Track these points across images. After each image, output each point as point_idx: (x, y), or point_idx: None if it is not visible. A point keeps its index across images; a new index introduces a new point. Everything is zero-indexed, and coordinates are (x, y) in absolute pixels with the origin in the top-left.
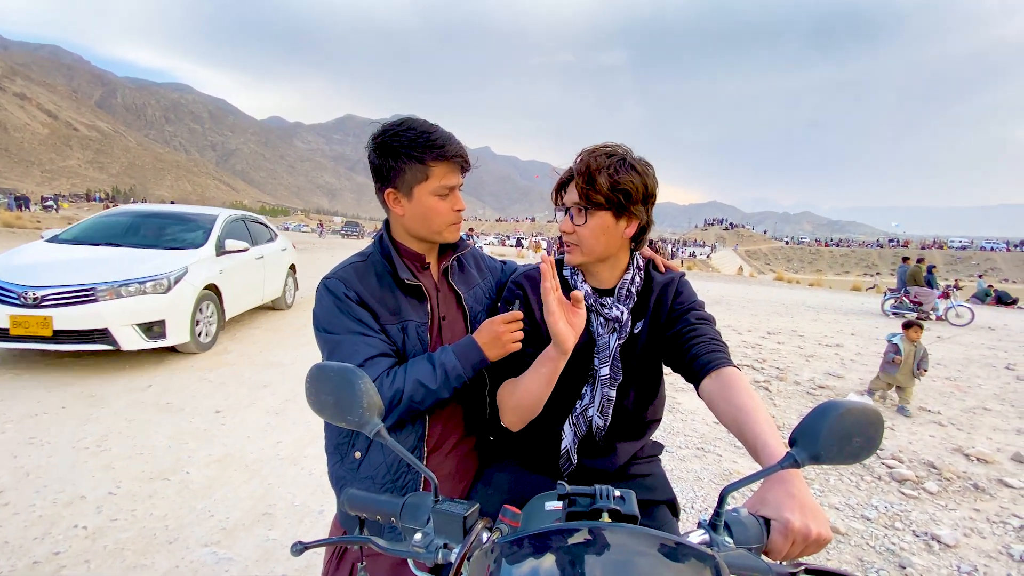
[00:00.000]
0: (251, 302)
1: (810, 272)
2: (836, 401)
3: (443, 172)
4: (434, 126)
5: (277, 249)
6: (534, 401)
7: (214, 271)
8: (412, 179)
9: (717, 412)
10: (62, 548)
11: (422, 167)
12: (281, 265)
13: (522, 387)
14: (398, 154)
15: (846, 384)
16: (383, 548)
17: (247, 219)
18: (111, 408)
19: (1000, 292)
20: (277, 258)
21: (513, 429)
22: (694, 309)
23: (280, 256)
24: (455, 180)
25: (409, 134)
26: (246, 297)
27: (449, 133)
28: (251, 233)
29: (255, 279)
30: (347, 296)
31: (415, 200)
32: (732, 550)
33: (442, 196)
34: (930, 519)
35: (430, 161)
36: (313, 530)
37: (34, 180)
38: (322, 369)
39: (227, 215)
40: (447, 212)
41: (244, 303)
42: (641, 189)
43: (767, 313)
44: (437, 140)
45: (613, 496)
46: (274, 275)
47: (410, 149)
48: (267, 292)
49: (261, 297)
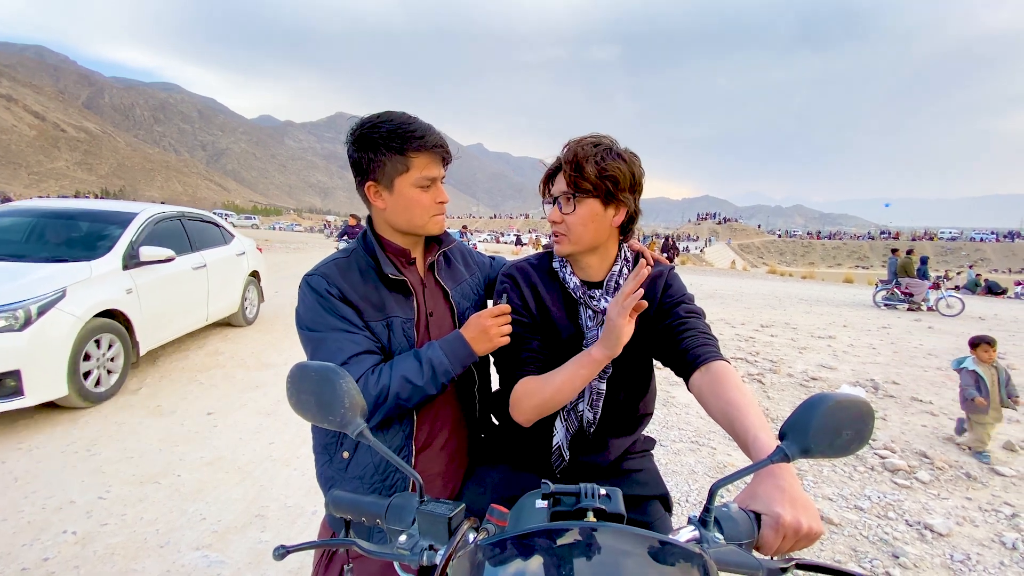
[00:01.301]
0: (186, 325)
1: (802, 265)
2: (826, 394)
3: (423, 163)
4: (413, 118)
5: (230, 254)
6: (561, 402)
7: (117, 291)
8: (392, 171)
9: (707, 406)
10: (51, 554)
11: (402, 158)
12: (236, 273)
13: (554, 386)
14: (377, 146)
15: (839, 375)
16: (367, 551)
17: (186, 218)
18: (101, 412)
19: (990, 282)
20: (229, 265)
21: (524, 425)
22: (684, 302)
23: (234, 263)
24: (436, 171)
25: (388, 126)
26: (178, 320)
27: (429, 124)
28: (190, 236)
29: (193, 295)
30: (329, 293)
31: (396, 192)
32: (722, 546)
33: (423, 188)
34: (923, 508)
35: (410, 152)
36: (306, 531)
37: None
38: (303, 369)
39: (152, 213)
40: (429, 204)
41: (173, 328)
42: (628, 176)
43: (760, 306)
44: (416, 131)
45: (598, 495)
46: (225, 286)
47: (389, 140)
48: (214, 309)
49: (205, 316)
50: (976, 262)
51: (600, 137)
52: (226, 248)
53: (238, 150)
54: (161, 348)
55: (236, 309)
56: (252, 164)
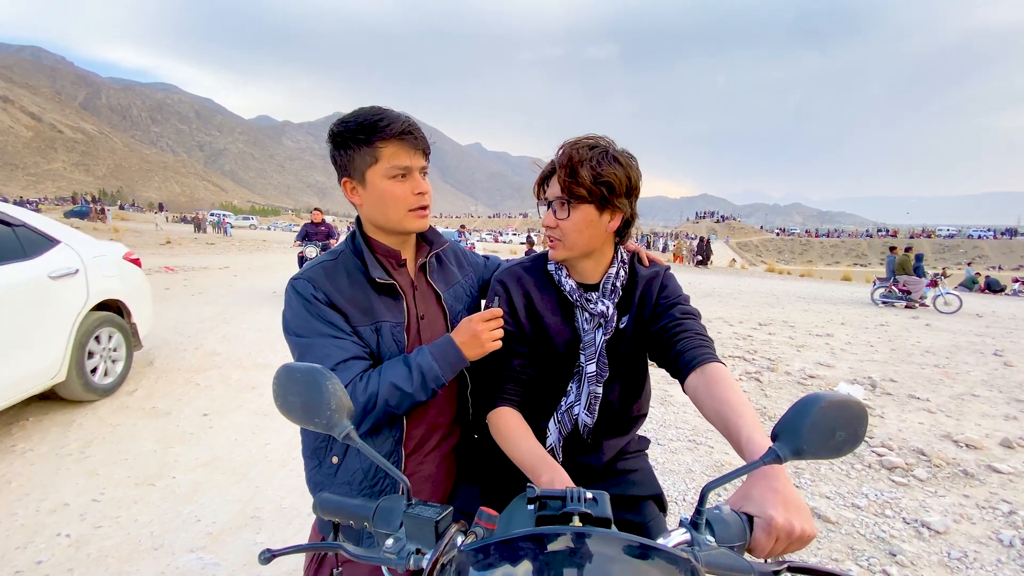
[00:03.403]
0: None
1: (801, 263)
2: (819, 394)
3: (392, 152)
4: (384, 110)
5: (33, 278)
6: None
7: None
8: (362, 163)
9: (702, 408)
10: (45, 557)
11: (370, 149)
12: (50, 310)
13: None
14: (347, 142)
15: (836, 373)
16: (353, 555)
17: None
18: (95, 414)
19: (990, 279)
20: (37, 297)
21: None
22: (679, 303)
23: (44, 293)
24: (408, 160)
25: (356, 119)
26: None
27: (400, 113)
28: None
29: None
30: (316, 298)
31: (369, 186)
32: (713, 549)
33: (396, 178)
34: (920, 506)
35: (377, 142)
36: (301, 533)
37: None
38: (289, 370)
39: None
40: (405, 195)
41: None
42: (624, 182)
43: (758, 304)
44: (382, 120)
45: (584, 498)
46: (26, 334)
47: (356, 133)
48: None
49: None
50: (974, 259)
51: (597, 139)
52: (24, 267)
53: (236, 150)
54: (156, 349)
55: (59, 372)
56: (250, 164)
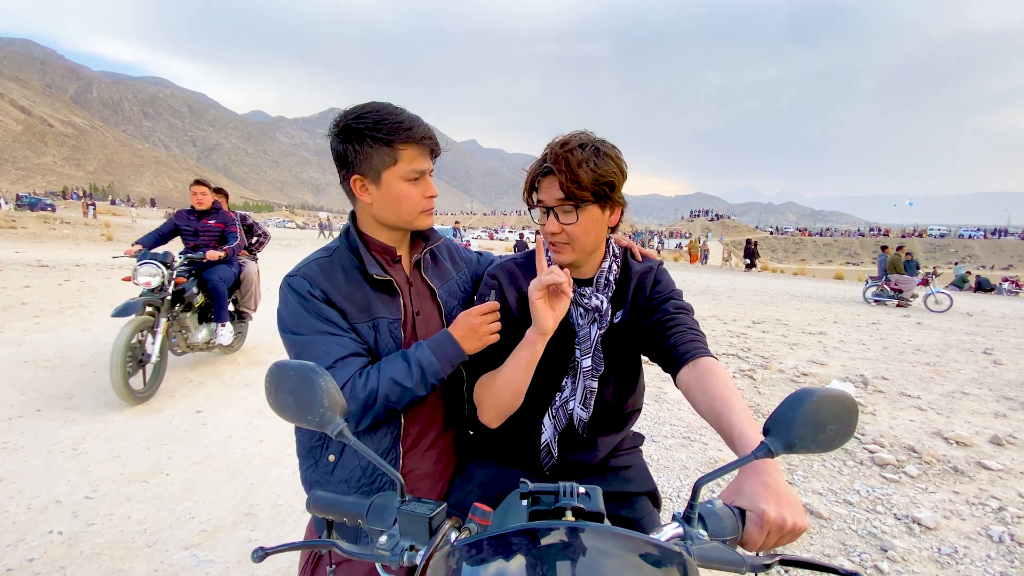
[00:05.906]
0: None
1: (794, 262)
2: (809, 389)
3: (412, 155)
4: (400, 108)
5: None
6: (514, 391)
7: None
8: (380, 163)
9: (694, 402)
10: (37, 554)
11: (390, 150)
12: None
13: (501, 377)
14: (363, 137)
15: (829, 371)
16: (347, 552)
17: None
18: (88, 410)
19: (981, 279)
20: None
21: (492, 426)
22: (672, 298)
23: None
24: (425, 164)
25: (374, 116)
26: None
27: (416, 115)
28: None
29: None
30: (312, 295)
31: (384, 186)
32: (706, 543)
33: (412, 181)
34: (911, 502)
35: (398, 144)
36: (296, 530)
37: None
38: (281, 367)
39: None
40: (418, 198)
41: None
42: (620, 176)
43: (752, 303)
44: (404, 121)
45: (577, 493)
46: None
47: (375, 131)
48: None
49: None
50: (964, 259)
51: (582, 136)
52: None
53: (229, 145)
54: None
55: None
56: (243, 160)
